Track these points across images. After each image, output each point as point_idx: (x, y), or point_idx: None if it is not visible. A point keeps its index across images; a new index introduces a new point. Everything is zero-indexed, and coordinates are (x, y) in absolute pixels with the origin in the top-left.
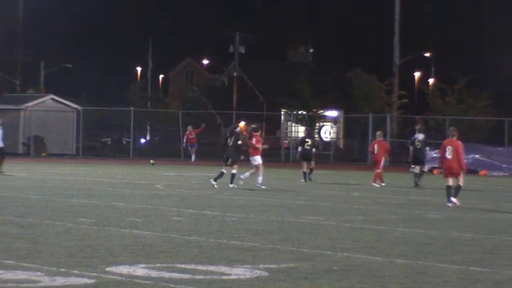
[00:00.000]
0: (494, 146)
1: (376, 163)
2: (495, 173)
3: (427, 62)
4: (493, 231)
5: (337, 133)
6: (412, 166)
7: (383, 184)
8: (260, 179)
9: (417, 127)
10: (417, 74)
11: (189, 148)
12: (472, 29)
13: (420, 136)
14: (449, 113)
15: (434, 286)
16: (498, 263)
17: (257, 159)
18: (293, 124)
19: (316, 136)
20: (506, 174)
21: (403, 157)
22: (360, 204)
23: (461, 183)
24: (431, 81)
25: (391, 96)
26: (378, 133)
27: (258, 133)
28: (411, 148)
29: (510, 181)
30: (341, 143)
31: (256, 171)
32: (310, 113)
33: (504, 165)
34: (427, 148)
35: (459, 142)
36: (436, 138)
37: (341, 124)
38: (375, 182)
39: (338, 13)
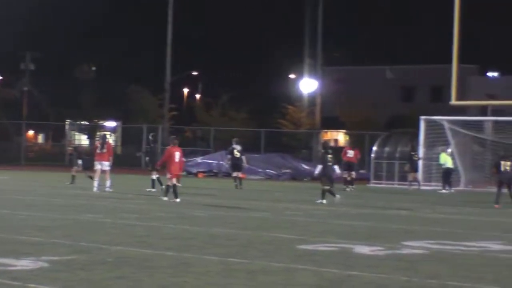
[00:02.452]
0: (252, 153)
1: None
2: (252, 177)
3: (194, 80)
4: (249, 227)
5: (116, 141)
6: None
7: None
8: (108, 183)
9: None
10: (186, 90)
11: None
12: (233, 53)
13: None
14: (214, 124)
15: (197, 275)
16: (253, 255)
17: (106, 164)
18: (76, 133)
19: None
20: (262, 177)
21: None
22: (134, 203)
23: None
24: (198, 96)
25: (163, 109)
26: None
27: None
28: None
29: (265, 184)
30: (119, 150)
31: (99, 175)
32: (91, 124)
33: (260, 170)
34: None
35: (180, 149)
36: (202, 146)
37: (119, 133)
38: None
39: (118, 36)
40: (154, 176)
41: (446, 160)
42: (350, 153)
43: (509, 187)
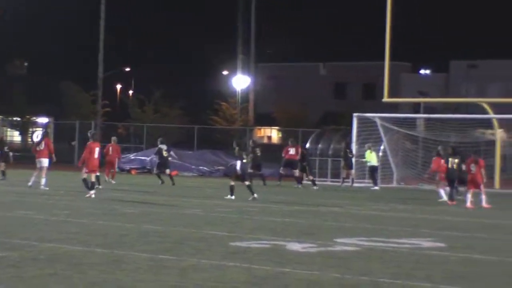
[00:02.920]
0: (185, 149)
1: (111, 163)
2: (185, 173)
3: (127, 76)
4: (181, 224)
5: (48, 137)
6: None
7: (113, 182)
8: (43, 180)
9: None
10: (119, 86)
11: None
12: (166, 49)
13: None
14: (147, 121)
15: (128, 272)
16: (184, 252)
17: (45, 162)
18: (8, 129)
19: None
20: (195, 174)
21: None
22: (66, 200)
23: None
24: (131, 92)
25: (96, 105)
26: (113, 138)
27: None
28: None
29: (198, 180)
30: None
31: (39, 173)
32: (24, 120)
33: (193, 167)
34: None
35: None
36: (135, 143)
37: (52, 129)
38: (113, 179)
39: (51, 31)
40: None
41: (370, 157)
42: (292, 151)
43: (454, 185)
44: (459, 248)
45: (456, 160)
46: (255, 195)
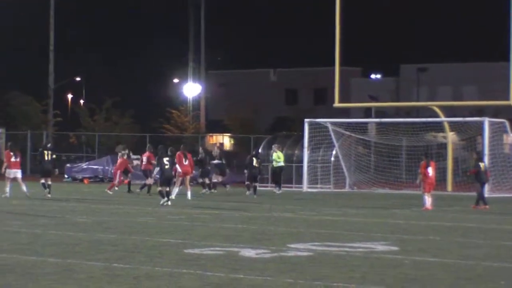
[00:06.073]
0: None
1: (114, 176)
2: (137, 182)
3: (78, 85)
4: (134, 232)
5: (0, 148)
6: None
7: (110, 192)
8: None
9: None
10: (70, 96)
11: None
12: (117, 58)
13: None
14: (98, 130)
15: (81, 281)
16: (137, 260)
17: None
18: None
19: None
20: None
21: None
22: (19, 210)
23: None
24: (82, 102)
25: (47, 115)
26: (123, 151)
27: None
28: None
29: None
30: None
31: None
32: None
33: None
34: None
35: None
36: (87, 152)
37: (3, 140)
38: (110, 190)
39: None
40: (43, 180)
41: (279, 158)
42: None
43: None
44: (412, 251)
45: (482, 164)
46: (169, 202)
